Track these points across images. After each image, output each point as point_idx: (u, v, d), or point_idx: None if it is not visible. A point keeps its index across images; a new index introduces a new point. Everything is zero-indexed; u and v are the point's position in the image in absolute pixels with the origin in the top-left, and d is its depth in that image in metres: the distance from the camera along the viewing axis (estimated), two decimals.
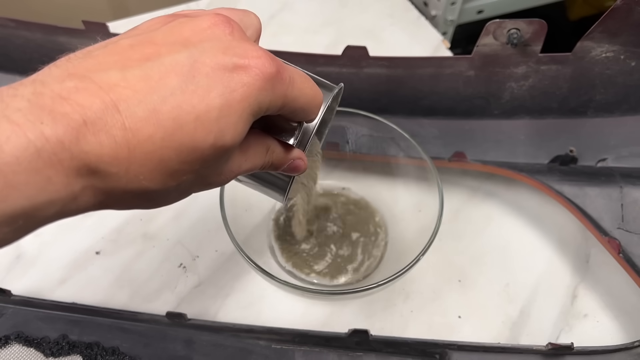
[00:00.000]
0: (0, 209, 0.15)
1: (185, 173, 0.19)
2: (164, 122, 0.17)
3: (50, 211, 0.16)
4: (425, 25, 0.65)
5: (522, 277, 0.43)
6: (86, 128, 0.16)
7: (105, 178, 0.17)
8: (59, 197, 0.16)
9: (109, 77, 0.17)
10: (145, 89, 0.17)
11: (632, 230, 0.40)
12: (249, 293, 0.42)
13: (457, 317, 0.41)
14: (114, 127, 0.16)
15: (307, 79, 0.23)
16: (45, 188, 0.16)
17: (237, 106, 0.19)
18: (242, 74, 0.19)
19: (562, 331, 0.41)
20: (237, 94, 0.19)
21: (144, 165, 0.17)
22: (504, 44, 0.42)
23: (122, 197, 0.18)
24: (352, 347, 0.37)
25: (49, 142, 0.15)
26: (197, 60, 0.18)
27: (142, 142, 0.17)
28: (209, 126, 0.18)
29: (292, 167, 0.25)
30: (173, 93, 0.18)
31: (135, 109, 0.17)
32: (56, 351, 0.36)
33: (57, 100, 0.16)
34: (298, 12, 0.65)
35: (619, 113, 0.46)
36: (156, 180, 0.18)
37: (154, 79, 0.18)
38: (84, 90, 0.16)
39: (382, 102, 0.48)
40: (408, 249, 0.41)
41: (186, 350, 0.37)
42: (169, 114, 0.17)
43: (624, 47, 0.42)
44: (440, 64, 0.45)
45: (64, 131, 0.16)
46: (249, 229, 0.44)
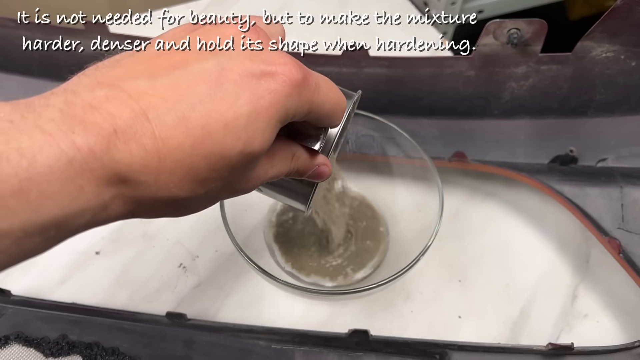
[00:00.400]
0: (33, 218, 0.15)
1: (214, 180, 0.19)
2: (194, 130, 0.17)
3: (82, 220, 0.16)
4: (425, 25, 0.65)
5: (523, 277, 0.43)
6: (116, 137, 0.16)
7: (135, 187, 0.17)
8: (90, 206, 0.16)
9: (137, 85, 0.17)
10: (174, 97, 0.17)
11: (632, 230, 0.40)
12: (248, 293, 0.42)
13: (457, 317, 0.41)
14: (144, 136, 0.17)
15: (332, 84, 0.23)
16: (77, 197, 0.16)
17: (265, 113, 0.19)
18: (270, 80, 0.19)
19: (563, 331, 0.41)
20: (265, 101, 0.19)
21: (174, 173, 0.17)
22: (504, 44, 0.42)
23: (152, 205, 0.18)
24: (352, 347, 0.37)
25: (81, 151, 0.15)
26: (225, 67, 0.19)
27: (172, 150, 0.17)
28: (238, 133, 0.18)
29: (317, 173, 0.25)
30: (202, 101, 0.18)
31: (165, 117, 0.17)
32: (56, 351, 0.36)
33: (87, 109, 0.16)
34: (298, 11, 0.65)
35: (619, 113, 0.46)
36: (186, 188, 0.18)
37: (183, 87, 0.18)
38: (113, 99, 0.17)
39: (382, 102, 0.48)
40: (408, 249, 0.41)
41: (186, 350, 0.37)
42: (198, 122, 0.17)
43: (624, 47, 0.42)
44: (440, 64, 0.45)
45: (95, 140, 0.16)
46: (249, 229, 0.44)
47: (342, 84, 0.28)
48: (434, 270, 0.43)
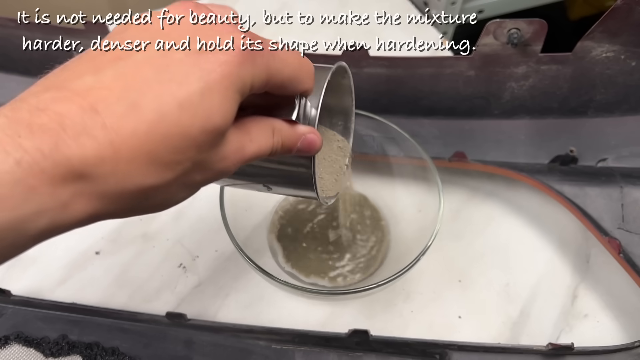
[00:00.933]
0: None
1: (180, 162, 0.18)
2: (146, 115, 0.17)
3: (40, 223, 0.16)
4: (425, 25, 0.65)
5: (523, 277, 0.43)
6: (65, 134, 0.16)
7: (94, 181, 0.17)
8: (47, 206, 0.16)
9: (84, 82, 0.17)
10: (121, 86, 0.17)
11: (632, 230, 0.40)
12: (248, 293, 0.42)
13: (457, 317, 0.41)
14: (95, 129, 0.16)
15: (294, 51, 0.23)
16: (30, 198, 0.16)
17: (219, 86, 0.19)
18: (218, 53, 0.19)
19: (563, 331, 0.41)
20: (216, 74, 0.19)
21: (133, 161, 0.17)
22: (504, 44, 0.42)
23: (119, 199, 0.18)
24: (352, 347, 0.37)
25: (28, 152, 0.15)
26: (169, 49, 0.19)
27: (127, 138, 0.17)
28: (193, 111, 0.18)
29: (306, 144, 0.24)
30: (150, 85, 0.18)
31: (114, 108, 0.17)
32: (56, 351, 0.36)
33: (34, 112, 0.16)
34: (298, 11, 0.65)
35: (619, 113, 0.46)
36: (150, 174, 0.18)
37: (129, 75, 0.18)
38: (60, 99, 0.17)
39: (382, 102, 0.48)
40: (408, 249, 0.41)
41: (186, 350, 0.37)
42: (150, 106, 0.17)
43: (624, 47, 0.42)
44: (440, 64, 0.45)
45: (42, 140, 0.16)
46: (249, 229, 0.44)
47: None
48: (434, 270, 0.43)
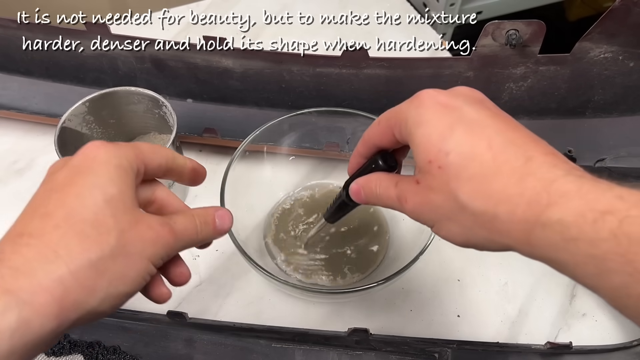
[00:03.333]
0: None
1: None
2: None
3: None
4: (425, 25, 0.65)
5: (521, 277, 0.44)
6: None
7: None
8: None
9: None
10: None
11: None
12: (249, 292, 0.43)
13: (456, 316, 0.42)
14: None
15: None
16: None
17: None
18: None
19: (561, 330, 0.41)
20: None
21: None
22: (502, 45, 0.42)
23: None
24: (351, 345, 0.38)
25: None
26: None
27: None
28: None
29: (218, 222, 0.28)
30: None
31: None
32: (57, 350, 0.37)
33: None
34: (298, 12, 0.65)
35: (617, 113, 0.47)
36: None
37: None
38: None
39: (381, 103, 0.48)
40: (408, 248, 0.41)
41: (187, 349, 0.37)
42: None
43: (622, 47, 0.42)
44: (439, 64, 0.45)
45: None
46: (249, 229, 0.44)
47: (342, 84, 0.28)
48: (433, 269, 0.44)
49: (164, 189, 0.28)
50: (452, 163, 0.22)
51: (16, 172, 0.51)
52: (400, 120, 0.25)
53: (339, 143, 0.46)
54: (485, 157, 0.21)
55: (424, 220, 0.25)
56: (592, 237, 0.18)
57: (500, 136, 0.22)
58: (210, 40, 0.47)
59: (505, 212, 0.21)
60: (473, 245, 0.23)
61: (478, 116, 0.23)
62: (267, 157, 0.46)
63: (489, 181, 0.21)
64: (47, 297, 0.20)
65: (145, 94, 0.45)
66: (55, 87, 0.52)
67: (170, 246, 0.24)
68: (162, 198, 0.27)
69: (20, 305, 0.19)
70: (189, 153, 0.52)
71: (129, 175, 0.24)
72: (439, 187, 0.23)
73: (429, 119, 0.23)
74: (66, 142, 0.43)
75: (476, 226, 0.22)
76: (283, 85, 0.49)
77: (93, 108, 0.45)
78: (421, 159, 0.23)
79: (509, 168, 0.21)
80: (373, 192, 0.27)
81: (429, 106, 0.23)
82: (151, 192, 0.27)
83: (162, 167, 0.27)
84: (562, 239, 0.19)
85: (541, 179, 0.20)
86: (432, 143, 0.23)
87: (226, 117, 0.51)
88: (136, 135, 0.50)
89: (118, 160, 0.23)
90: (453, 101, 0.23)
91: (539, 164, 0.21)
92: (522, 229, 0.20)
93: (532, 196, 0.20)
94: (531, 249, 0.21)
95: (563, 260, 0.20)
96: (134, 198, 0.24)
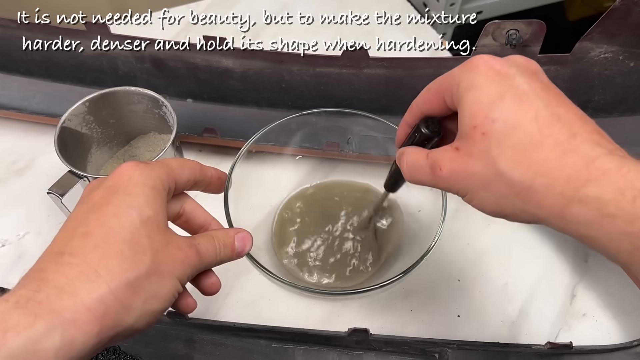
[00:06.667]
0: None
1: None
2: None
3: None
4: (425, 25, 0.65)
5: (521, 277, 0.44)
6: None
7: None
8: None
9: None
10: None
11: None
12: (249, 292, 0.43)
13: (456, 316, 0.42)
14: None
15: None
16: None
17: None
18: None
19: (561, 330, 0.41)
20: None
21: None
22: (503, 45, 0.42)
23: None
24: (352, 346, 0.38)
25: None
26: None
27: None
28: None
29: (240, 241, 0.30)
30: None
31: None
32: None
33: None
34: (298, 12, 0.65)
35: (618, 113, 0.47)
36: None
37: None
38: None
39: (382, 103, 0.48)
40: (411, 250, 0.41)
41: (187, 349, 0.37)
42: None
43: (622, 47, 0.42)
44: (439, 64, 0.45)
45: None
46: (250, 228, 0.43)
47: (342, 84, 0.28)
48: (433, 269, 0.44)
49: (192, 202, 0.29)
50: (497, 131, 0.22)
51: (16, 172, 0.51)
52: (452, 84, 0.24)
53: (339, 143, 0.46)
54: (530, 128, 0.21)
55: (458, 188, 0.25)
56: (631, 215, 0.19)
57: (548, 110, 0.22)
58: (210, 40, 0.47)
59: (543, 185, 0.21)
60: (504, 214, 0.24)
61: (529, 87, 0.23)
62: (267, 157, 0.46)
63: (531, 152, 0.21)
64: (90, 316, 0.20)
65: (145, 93, 0.45)
66: (55, 87, 0.52)
67: (195, 266, 0.26)
68: (189, 211, 0.29)
69: (65, 324, 0.20)
70: (189, 153, 0.52)
71: (162, 197, 0.25)
72: (479, 154, 0.22)
73: (480, 84, 0.23)
74: (66, 142, 0.43)
75: (511, 195, 0.22)
76: (283, 85, 0.49)
77: (93, 108, 0.45)
78: (466, 123, 0.23)
79: (553, 141, 0.21)
80: (406, 166, 0.27)
81: (482, 71, 0.23)
82: (180, 205, 0.28)
83: (190, 181, 0.28)
84: (599, 215, 0.19)
85: (583, 155, 0.20)
86: (480, 108, 0.22)
87: (226, 117, 0.51)
88: (136, 135, 0.50)
89: (153, 182, 0.24)
90: (507, 69, 0.23)
91: (583, 141, 0.21)
92: (558, 202, 0.20)
93: (572, 172, 0.20)
94: (564, 223, 0.21)
95: (596, 236, 0.20)
96: (166, 218, 0.25)
